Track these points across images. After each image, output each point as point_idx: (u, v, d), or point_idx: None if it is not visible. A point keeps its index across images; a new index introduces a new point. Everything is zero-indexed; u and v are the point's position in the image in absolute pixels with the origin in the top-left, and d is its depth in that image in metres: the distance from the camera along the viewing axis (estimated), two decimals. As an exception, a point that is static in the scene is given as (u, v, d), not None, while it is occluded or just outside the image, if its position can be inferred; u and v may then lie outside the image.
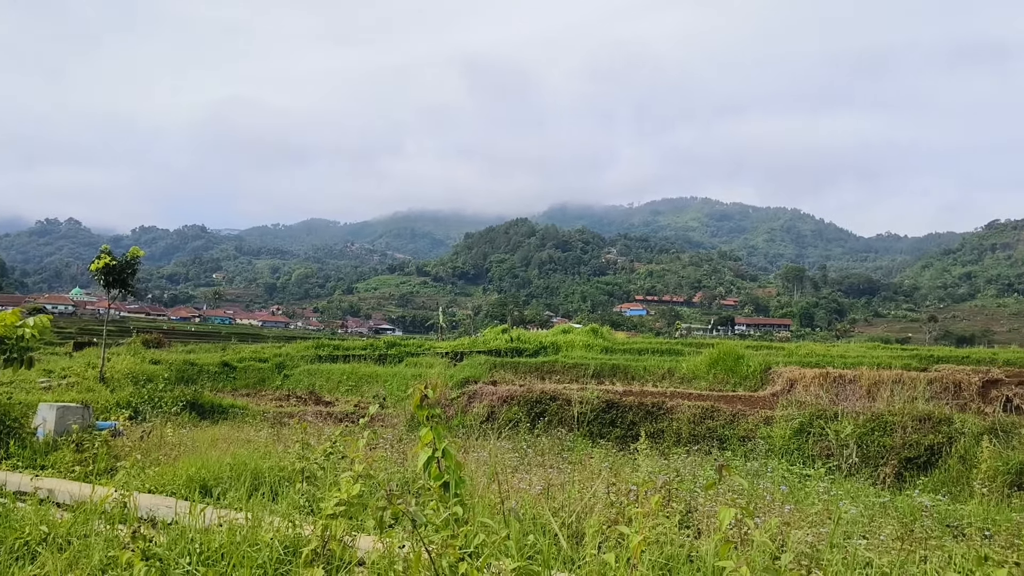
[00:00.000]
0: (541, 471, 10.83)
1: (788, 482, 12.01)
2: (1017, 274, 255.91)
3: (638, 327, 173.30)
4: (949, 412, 15.40)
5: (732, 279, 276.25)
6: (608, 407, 19.48)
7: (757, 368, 27.93)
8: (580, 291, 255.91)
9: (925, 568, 5.70)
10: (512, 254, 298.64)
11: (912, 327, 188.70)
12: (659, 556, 6.07)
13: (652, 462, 12.97)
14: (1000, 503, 10.72)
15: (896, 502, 9.79)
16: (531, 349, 38.10)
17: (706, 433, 17.58)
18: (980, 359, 32.02)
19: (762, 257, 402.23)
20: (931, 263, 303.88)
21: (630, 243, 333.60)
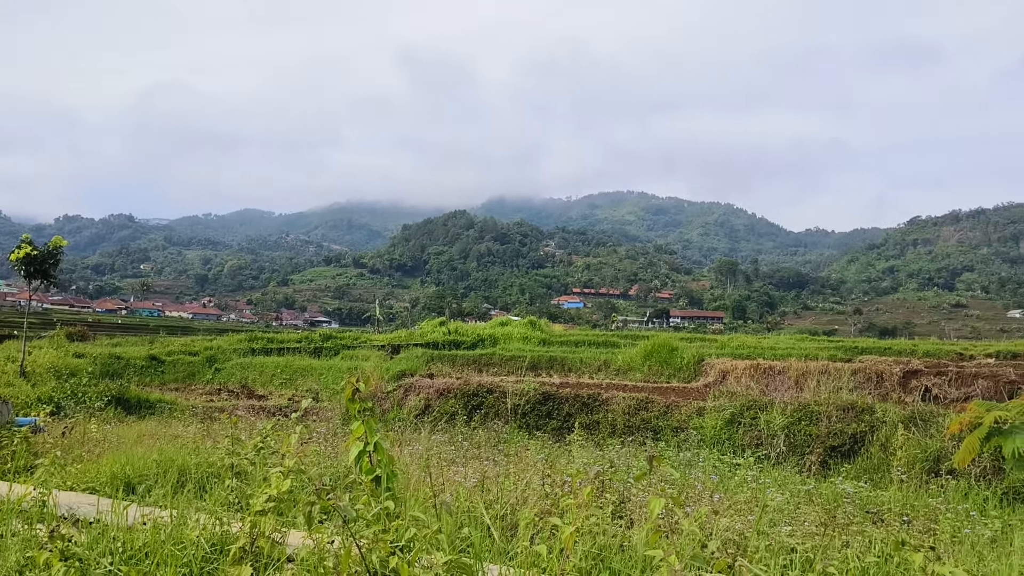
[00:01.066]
0: (477, 464, 10.83)
1: (719, 471, 12.27)
2: (936, 268, 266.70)
3: (576, 319, 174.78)
4: (871, 402, 15.95)
5: (667, 272, 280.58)
6: (545, 399, 19.58)
7: (691, 360, 28.47)
8: (518, 284, 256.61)
9: (846, 553, 5.88)
10: (450, 246, 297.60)
11: (839, 319, 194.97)
12: (592, 546, 6.12)
13: (587, 453, 13.12)
14: (918, 489, 11.15)
15: (821, 489, 10.09)
16: (469, 342, 38.07)
17: (640, 424, 17.83)
18: (901, 350, 33.29)
19: (696, 251, 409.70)
20: (857, 258, 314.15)
21: (568, 236, 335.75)
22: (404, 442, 13.28)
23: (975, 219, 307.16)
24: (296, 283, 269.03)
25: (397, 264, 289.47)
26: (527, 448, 13.45)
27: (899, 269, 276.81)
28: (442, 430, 17.22)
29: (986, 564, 6.19)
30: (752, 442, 15.94)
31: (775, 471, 13.09)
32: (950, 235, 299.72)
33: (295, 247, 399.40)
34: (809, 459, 14.80)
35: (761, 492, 9.11)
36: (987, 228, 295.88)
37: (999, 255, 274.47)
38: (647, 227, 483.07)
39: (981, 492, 11.01)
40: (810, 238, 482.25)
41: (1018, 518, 9.23)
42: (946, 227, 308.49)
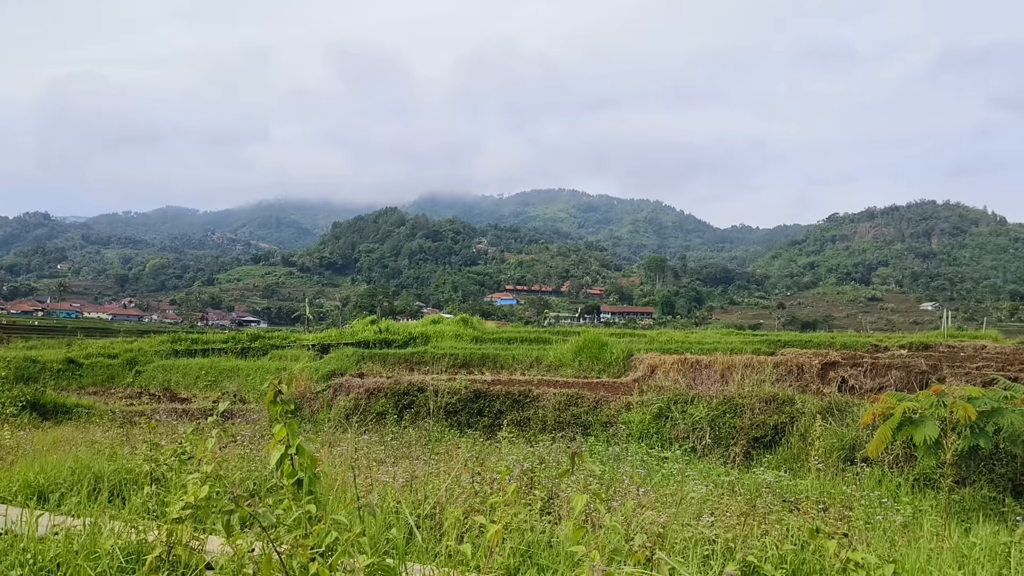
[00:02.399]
0: (407, 463, 10.76)
1: (647, 465, 12.48)
2: (854, 263, 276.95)
3: (508, 316, 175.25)
4: (792, 393, 16.46)
5: (598, 269, 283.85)
6: (476, 396, 19.58)
7: (620, 355, 28.86)
8: (451, 281, 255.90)
9: (765, 542, 6.04)
10: (382, 244, 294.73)
11: (763, 314, 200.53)
12: (520, 543, 6.15)
13: (518, 450, 13.17)
14: (835, 477, 11.56)
15: (743, 479, 10.36)
16: (400, 340, 37.76)
17: (571, 420, 17.99)
18: (821, 343, 34.35)
19: (627, 247, 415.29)
20: (780, 253, 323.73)
21: (501, 233, 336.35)
22: (332, 443, 13.10)
23: (889, 216, 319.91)
24: (222, 282, 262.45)
25: (328, 262, 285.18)
26: (458, 446, 13.42)
27: (819, 264, 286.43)
28: (372, 430, 17.04)
29: (897, 549, 6.44)
30: (679, 435, 16.26)
31: (701, 463, 13.39)
32: (866, 231, 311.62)
33: (221, 245, 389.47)
34: (733, 450, 15.18)
35: (687, 484, 9.30)
36: (900, 224, 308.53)
37: (911, 250, 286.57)
38: (579, 224, 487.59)
39: (894, 479, 11.48)
40: (736, 235, 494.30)
41: (928, 503, 9.66)
42: (862, 224, 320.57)
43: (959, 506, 10.04)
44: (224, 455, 10.37)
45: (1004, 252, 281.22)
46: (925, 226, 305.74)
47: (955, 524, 7.81)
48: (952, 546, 6.30)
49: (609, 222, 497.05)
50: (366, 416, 19.89)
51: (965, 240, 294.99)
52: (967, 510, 9.80)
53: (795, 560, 5.79)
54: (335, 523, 4.11)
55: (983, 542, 6.36)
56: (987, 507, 10.14)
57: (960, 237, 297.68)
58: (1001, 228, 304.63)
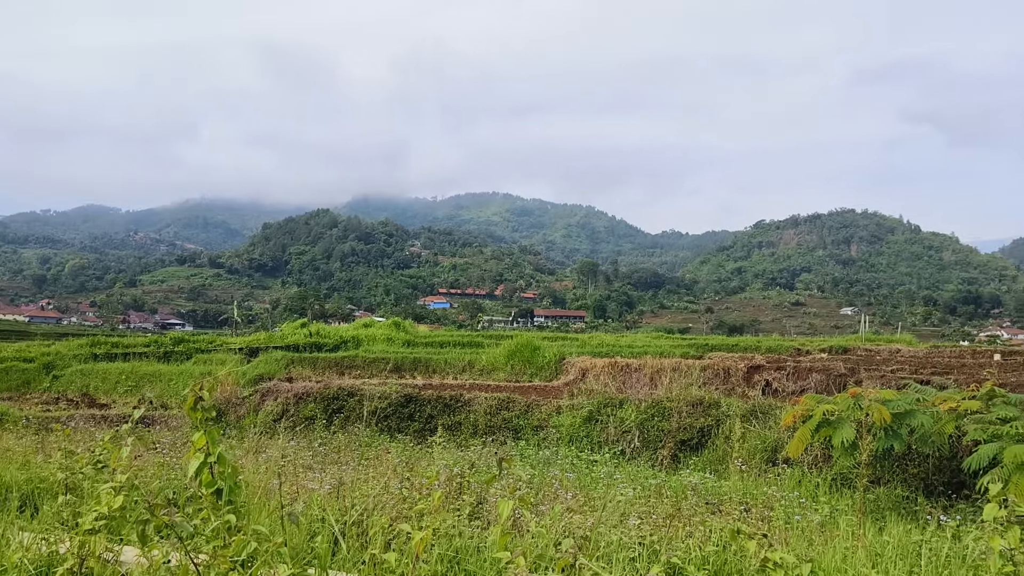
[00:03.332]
0: (335, 469, 10.59)
1: (576, 468, 12.58)
2: (779, 269, 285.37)
3: (441, 320, 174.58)
4: (718, 397, 16.82)
5: (532, 272, 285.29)
6: (407, 401, 19.43)
7: (552, 359, 29.08)
8: (384, 284, 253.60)
9: (689, 543, 6.15)
10: (313, 246, 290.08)
11: (692, 318, 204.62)
12: (448, 549, 6.12)
13: (449, 455, 13.11)
14: (757, 478, 11.86)
15: (670, 482, 10.54)
16: (331, 344, 37.28)
17: (502, 424, 18.02)
18: (747, 347, 35.34)
19: (560, 252, 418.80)
20: (708, 259, 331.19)
21: (434, 236, 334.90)
22: (258, 449, 12.81)
23: (812, 223, 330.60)
24: (146, 284, 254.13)
25: (257, 264, 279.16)
26: (388, 451, 13.31)
27: (746, 269, 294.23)
28: (300, 436, 16.75)
29: (814, 548, 6.63)
30: (609, 438, 16.44)
31: (629, 466, 13.56)
32: (791, 238, 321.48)
33: (145, 246, 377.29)
34: (661, 453, 15.44)
35: (615, 487, 9.41)
36: (822, 232, 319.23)
37: (833, 257, 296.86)
38: (512, 228, 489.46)
39: (813, 479, 11.84)
40: (666, 240, 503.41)
41: (845, 503, 9.99)
42: (787, 230, 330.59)
43: (874, 505, 10.41)
44: (143, 463, 10.05)
45: (918, 259, 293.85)
46: (845, 233, 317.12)
47: (870, 523, 8.09)
48: (866, 545, 6.52)
49: (543, 226, 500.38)
50: (295, 421, 19.54)
51: (882, 247, 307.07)
52: (882, 509, 10.17)
53: (717, 560, 5.91)
54: (256, 533, 4.01)
55: (896, 540, 6.60)
56: (900, 506, 10.54)
57: (878, 244, 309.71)
58: (915, 236, 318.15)
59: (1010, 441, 8.46)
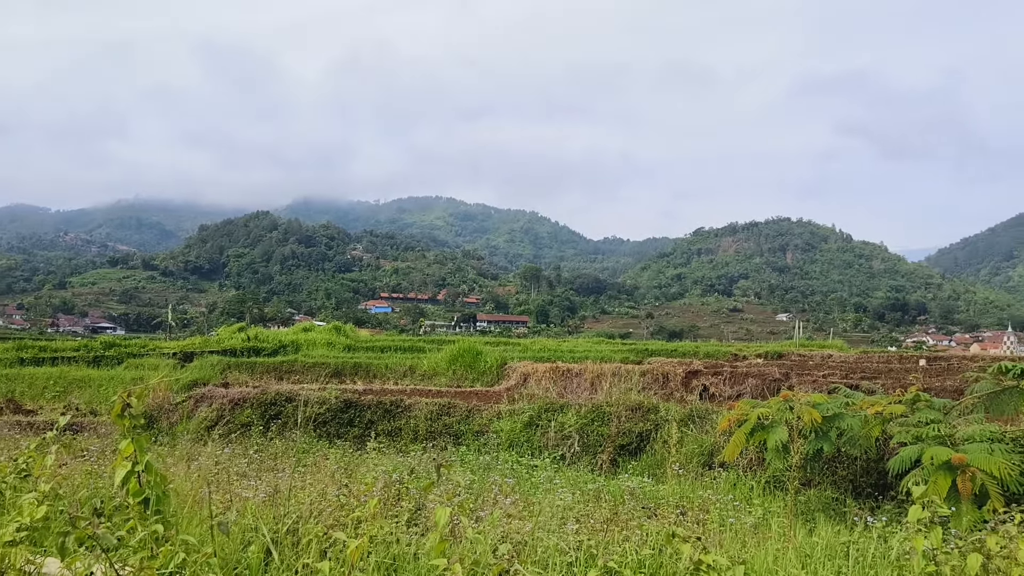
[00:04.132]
0: (271, 476, 10.40)
1: (517, 473, 12.60)
2: (717, 276, 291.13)
3: (383, 324, 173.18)
4: (657, 401, 17.05)
5: (475, 277, 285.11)
6: (347, 407, 19.20)
7: (494, 364, 29.11)
8: (324, 288, 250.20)
9: (626, 547, 6.21)
10: (252, 248, 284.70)
11: (633, 323, 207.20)
12: (386, 556, 6.06)
13: (388, 460, 12.99)
14: (694, 482, 12.05)
15: (609, 486, 10.63)
16: (269, 348, 36.70)
17: (443, 429, 17.94)
18: (686, 352, 35.95)
19: (503, 256, 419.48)
20: (649, 265, 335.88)
21: (376, 240, 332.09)
22: (191, 457, 12.50)
23: (750, 231, 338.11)
24: (76, 286, 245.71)
25: (193, 266, 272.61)
26: (326, 457, 13.12)
27: (686, 276, 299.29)
28: (236, 442, 16.39)
29: (748, 549, 6.76)
30: (549, 443, 16.51)
31: (570, 471, 13.64)
32: (729, 245, 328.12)
33: (75, 247, 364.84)
34: (601, 458, 15.56)
35: (554, 492, 9.44)
36: (759, 239, 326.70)
37: (769, 264, 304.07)
38: (456, 232, 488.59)
39: (747, 482, 12.09)
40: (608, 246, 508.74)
41: (777, 505, 10.22)
42: (725, 238, 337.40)
43: (805, 507, 10.68)
44: (69, 471, 9.71)
45: (850, 267, 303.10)
46: (781, 241, 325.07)
47: (800, 524, 8.29)
48: (796, 546, 6.68)
49: (486, 231, 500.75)
50: (230, 428, 19.11)
51: (816, 255, 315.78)
52: (812, 510, 10.44)
53: (653, 564, 5.98)
54: (184, 543, 3.91)
55: (825, 541, 6.77)
56: (830, 507, 10.84)
57: (812, 252, 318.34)
58: (847, 245, 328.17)
59: (931, 443, 8.77)
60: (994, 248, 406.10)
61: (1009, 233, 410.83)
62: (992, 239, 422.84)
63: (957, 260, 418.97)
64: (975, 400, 9.76)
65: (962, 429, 9.30)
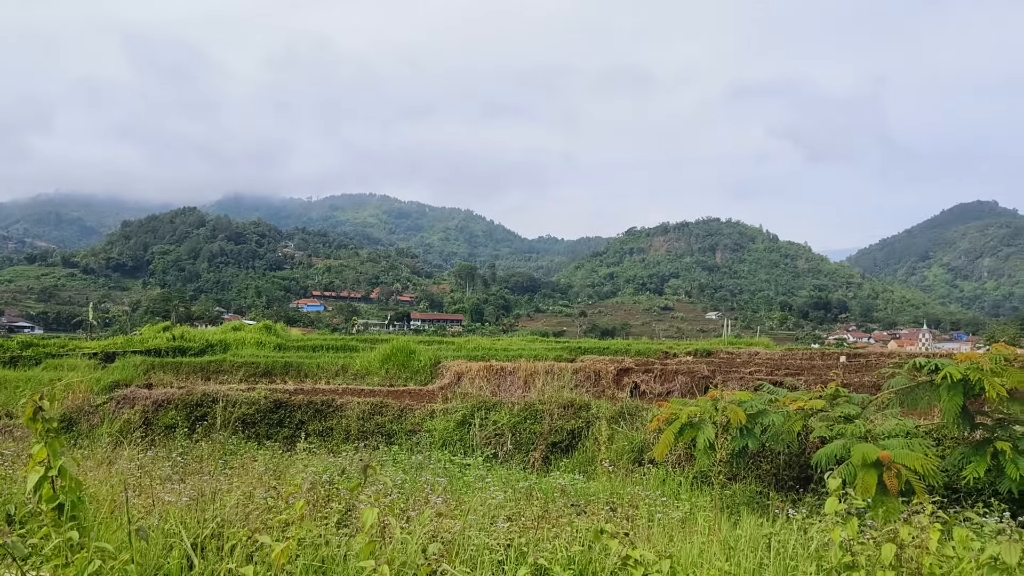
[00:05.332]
0: (196, 480, 10.14)
1: (449, 472, 12.57)
2: (649, 275, 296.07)
3: (315, 323, 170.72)
4: (588, 399, 17.24)
5: (409, 276, 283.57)
6: (276, 407, 18.85)
7: (428, 362, 28.98)
8: (255, 286, 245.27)
9: (556, 544, 6.27)
10: (178, 245, 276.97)
11: (567, 321, 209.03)
12: (314, 559, 5.98)
13: (319, 461, 12.81)
14: (624, 478, 12.23)
15: (541, 484, 10.69)
16: (196, 348, 35.80)
17: (375, 429, 17.78)
18: (618, 350, 36.42)
19: (438, 255, 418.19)
20: (583, 264, 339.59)
21: (308, 237, 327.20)
22: (111, 460, 12.10)
23: (680, 231, 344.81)
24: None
25: (116, 264, 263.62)
26: (255, 459, 12.87)
27: (619, 275, 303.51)
28: (160, 445, 15.93)
29: (675, 543, 6.90)
30: (482, 442, 16.53)
31: (502, 469, 13.67)
32: (660, 245, 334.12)
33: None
34: (533, 455, 15.65)
35: (486, 491, 9.46)
36: (690, 239, 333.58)
37: (699, 263, 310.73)
38: (389, 230, 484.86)
39: (676, 478, 12.32)
40: (543, 245, 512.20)
41: (704, 500, 10.43)
42: (657, 238, 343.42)
43: (731, 501, 10.94)
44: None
45: (776, 267, 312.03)
46: (711, 241, 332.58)
47: (725, 518, 8.49)
48: (721, 539, 6.83)
49: (421, 229, 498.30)
50: (154, 430, 18.57)
51: (744, 255, 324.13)
52: (737, 504, 10.70)
53: (583, 560, 6.04)
54: (100, 550, 3.79)
55: (748, 534, 6.95)
56: (754, 501, 11.13)
57: (740, 252, 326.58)
58: (774, 245, 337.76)
59: (854, 440, 9.09)
60: (911, 249, 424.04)
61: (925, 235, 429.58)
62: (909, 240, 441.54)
63: (876, 260, 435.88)
64: (891, 395, 10.15)
65: (880, 424, 9.67)
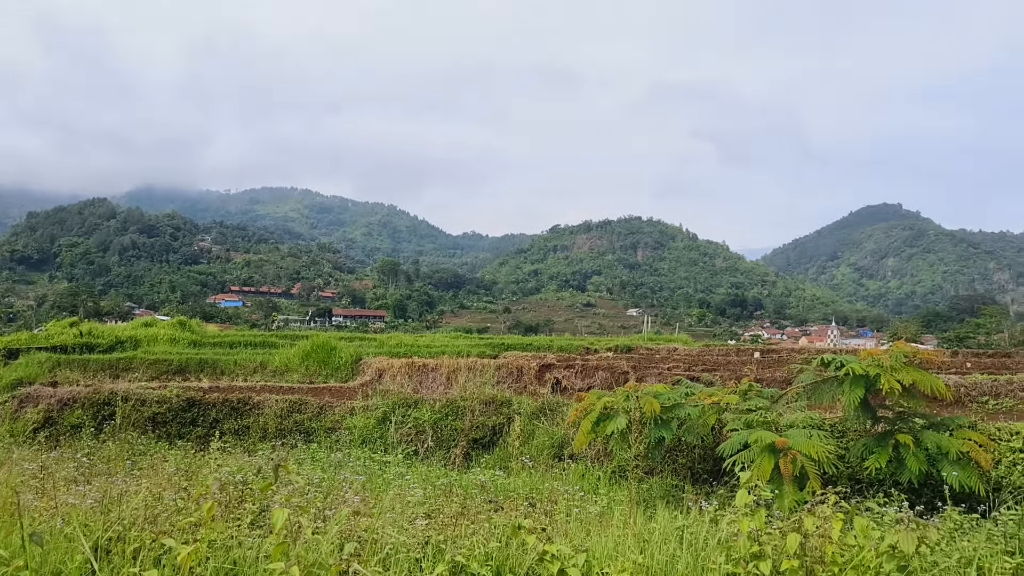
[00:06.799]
0: (103, 480, 9.77)
1: (368, 470, 12.45)
2: (572, 272, 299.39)
3: (233, 319, 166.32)
4: (510, 395, 17.33)
5: (331, 271, 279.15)
6: (189, 405, 18.31)
7: (349, 359, 28.60)
8: (169, 280, 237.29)
9: (473, 540, 6.27)
10: (87, 238, 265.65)
11: (491, 318, 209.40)
12: (226, 561, 5.84)
13: (234, 461, 12.51)
14: (545, 473, 12.35)
15: (461, 480, 10.70)
16: (105, 344, 34.40)
17: (294, 427, 17.47)
18: (540, 346, 36.67)
19: (360, 250, 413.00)
20: (507, 261, 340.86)
21: (226, 231, 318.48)
22: (12, 462, 11.55)
23: (603, 229, 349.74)
24: None
25: (20, 256, 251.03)
26: (165, 459, 12.50)
27: (542, 272, 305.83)
28: (66, 445, 15.29)
29: (591, 537, 6.99)
30: (403, 439, 16.43)
31: (423, 466, 13.63)
32: (583, 243, 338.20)
33: None
34: (454, 452, 15.65)
35: (406, 487, 9.40)
36: (612, 237, 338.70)
37: (621, 261, 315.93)
38: (311, 225, 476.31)
39: (595, 472, 12.51)
40: (467, 241, 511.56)
41: (622, 494, 10.62)
42: (580, 235, 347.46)
43: (647, 494, 11.17)
44: None
45: (695, 265, 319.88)
46: (633, 239, 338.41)
47: (641, 511, 8.66)
48: (636, 532, 6.96)
49: (343, 224, 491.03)
50: (59, 430, 17.80)
51: (664, 253, 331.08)
52: (654, 498, 10.93)
53: (500, 556, 6.07)
54: (-10, 558, 3.60)
55: (662, 527, 7.10)
56: (670, 494, 11.39)
57: (660, 250, 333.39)
58: (693, 244, 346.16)
59: (759, 428, 9.41)
60: (821, 249, 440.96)
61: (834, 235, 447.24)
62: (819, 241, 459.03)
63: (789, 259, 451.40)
64: (799, 390, 10.54)
65: (787, 416, 10.03)
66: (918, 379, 9.22)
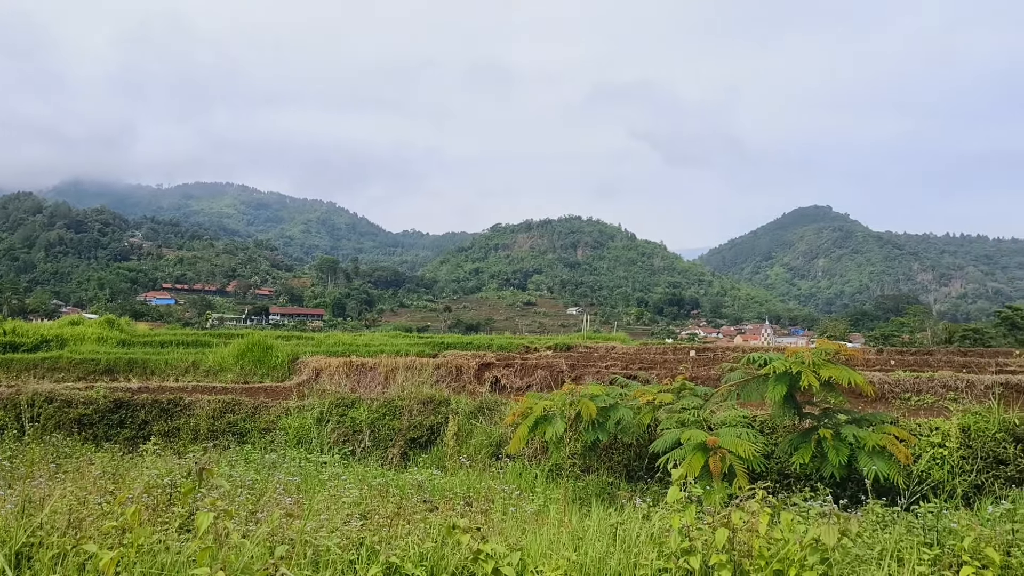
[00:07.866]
0: (25, 485, 9.44)
1: (304, 471, 12.29)
2: (513, 271, 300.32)
3: (165, 317, 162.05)
4: (448, 394, 17.31)
5: (268, 268, 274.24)
6: (117, 406, 17.78)
7: (286, 358, 28.17)
8: (97, 278, 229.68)
9: (408, 541, 6.27)
10: (11, 233, 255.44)
11: (431, 316, 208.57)
12: (152, 566, 5.71)
13: (164, 463, 12.20)
14: (482, 472, 12.38)
15: (398, 480, 10.65)
16: (30, 343, 33.22)
17: (227, 428, 17.13)
18: (480, 345, 36.65)
19: (298, 248, 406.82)
20: (448, 259, 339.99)
21: (158, 227, 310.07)
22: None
23: (543, 228, 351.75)
24: None
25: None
26: (92, 462, 12.14)
27: (483, 270, 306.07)
28: (-15, 449, 14.71)
29: (527, 536, 7.05)
30: (340, 439, 16.27)
31: (360, 466, 13.51)
32: (524, 241, 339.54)
33: None
34: (392, 452, 15.56)
35: (341, 488, 9.31)
36: (552, 237, 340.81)
37: (561, 260, 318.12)
38: (247, 221, 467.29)
39: (532, 471, 12.59)
40: (408, 239, 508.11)
41: (559, 492, 10.71)
42: (521, 234, 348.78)
43: (584, 492, 11.30)
44: None
45: (633, 264, 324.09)
46: (573, 239, 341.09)
47: (576, 509, 8.76)
48: (571, 530, 7.04)
49: (281, 221, 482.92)
50: (-23, 433, 17.10)
51: (604, 252, 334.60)
52: (590, 496, 11.06)
53: (435, 556, 6.07)
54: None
55: (596, 524, 7.20)
56: (605, 491, 11.54)
57: (600, 250, 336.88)
58: (632, 243, 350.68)
59: (692, 427, 9.61)
60: (755, 249, 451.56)
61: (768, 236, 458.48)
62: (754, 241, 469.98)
63: (725, 259, 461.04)
64: (729, 388, 10.79)
65: (719, 414, 10.26)
66: (836, 374, 9.52)
